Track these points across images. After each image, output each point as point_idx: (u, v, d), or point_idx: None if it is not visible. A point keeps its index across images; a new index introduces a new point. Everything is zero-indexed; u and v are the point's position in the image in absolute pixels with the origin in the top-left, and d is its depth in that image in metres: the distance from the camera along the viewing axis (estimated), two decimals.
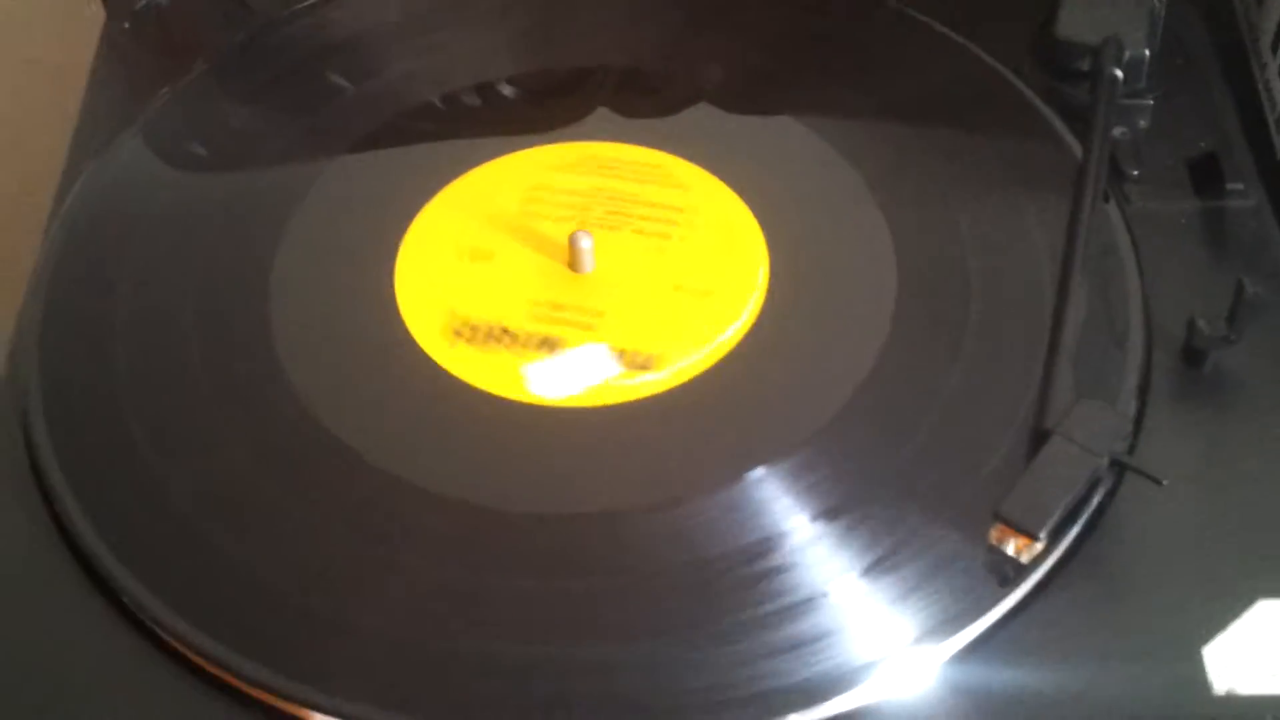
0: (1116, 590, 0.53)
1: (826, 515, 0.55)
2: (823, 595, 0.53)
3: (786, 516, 0.55)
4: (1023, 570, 0.53)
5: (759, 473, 0.57)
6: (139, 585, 0.54)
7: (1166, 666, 0.51)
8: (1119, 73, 0.68)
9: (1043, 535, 0.52)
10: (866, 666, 0.51)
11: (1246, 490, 0.56)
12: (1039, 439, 0.55)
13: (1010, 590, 0.53)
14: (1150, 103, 0.70)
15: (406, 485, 0.57)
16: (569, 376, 0.61)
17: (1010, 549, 0.53)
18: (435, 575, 0.55)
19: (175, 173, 0.70)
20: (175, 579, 0.54)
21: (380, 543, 0.56)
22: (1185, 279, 0.63)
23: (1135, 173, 0.67)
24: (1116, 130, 0.68)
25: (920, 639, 0.52)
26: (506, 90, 0.73)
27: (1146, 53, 0.69)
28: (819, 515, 0.55)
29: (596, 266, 0.64)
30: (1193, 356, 0.60)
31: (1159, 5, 0.70)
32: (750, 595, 0.53)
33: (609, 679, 0.52)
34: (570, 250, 0.64)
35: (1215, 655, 0.51)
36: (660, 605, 0.53)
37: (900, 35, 0.74)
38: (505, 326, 0.63)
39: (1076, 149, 0.67)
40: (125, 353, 0.62)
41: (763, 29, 0.75)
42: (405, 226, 0.67)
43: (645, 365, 0.61)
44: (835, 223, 0.66)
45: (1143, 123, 0.69)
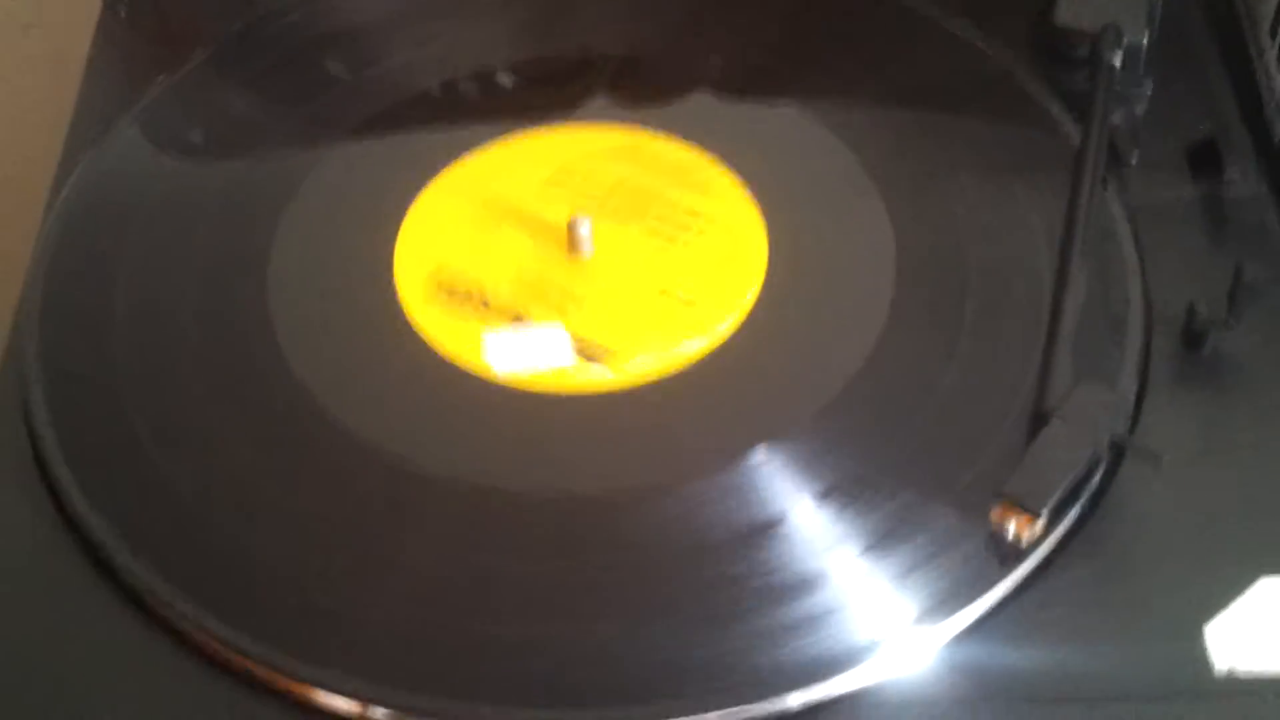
0: (1117, 570, 0.53)
1: (827, 495, 0.55)
2: (823, 575, 0.53)
3: (788, 497, 0.55)
4: (1024, 550, 0.53)
5: (760, 453, 0.57)
6: (145, 570, 0.54)
7: (1167, 645, 0.51)
8: (1117, 60, 0.68)
9: (1044, 514, 0.52)
10: (867, 646, 0.51)
11: (1245, 470, 0.56)
12: (1039, 421, 0.55)
13: (1011, 570, 0.53)
14: (1149, 89, 0.70)
15: (409, 472, 0.57)
16: (522, 354, 0.61)
17: (1011, 529, 0.53)
18: (437, 558, 0.55)
19: (173, 161, 0.70)
20: (180, 564, 0.54)
21: (381, 526, 0.56)
22: (1184, 264, 0.63)
23: (1134, 159, 0.67)
24: (1115, 117, 0.68)
25: (921, 618, 0.52)
26: (505, 78, 0.73)
27: (1145, 39, 0.69)
28: (820, 495, 0.55)
29: (594, 254, 0.65)
30: (1192, 340, 0.60)
31: None
32: (752, 576, 0.53)
33: (610, 660, 0.52)
34: (568, 234, 0.64)
35: (1216, 634, 0.51)
36: (661, 586, 0.53)
37: (900, 24, 0.74)
38: (485, 294, 0.63)
39: (1075, 136, 0.67)
40: (125, 341, 0.62)
41: (765, 17, 0.75)
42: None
43: (598, 358, 0.61)
44: (835, 208, 0.66)
45: (1141, 109, 0.69)
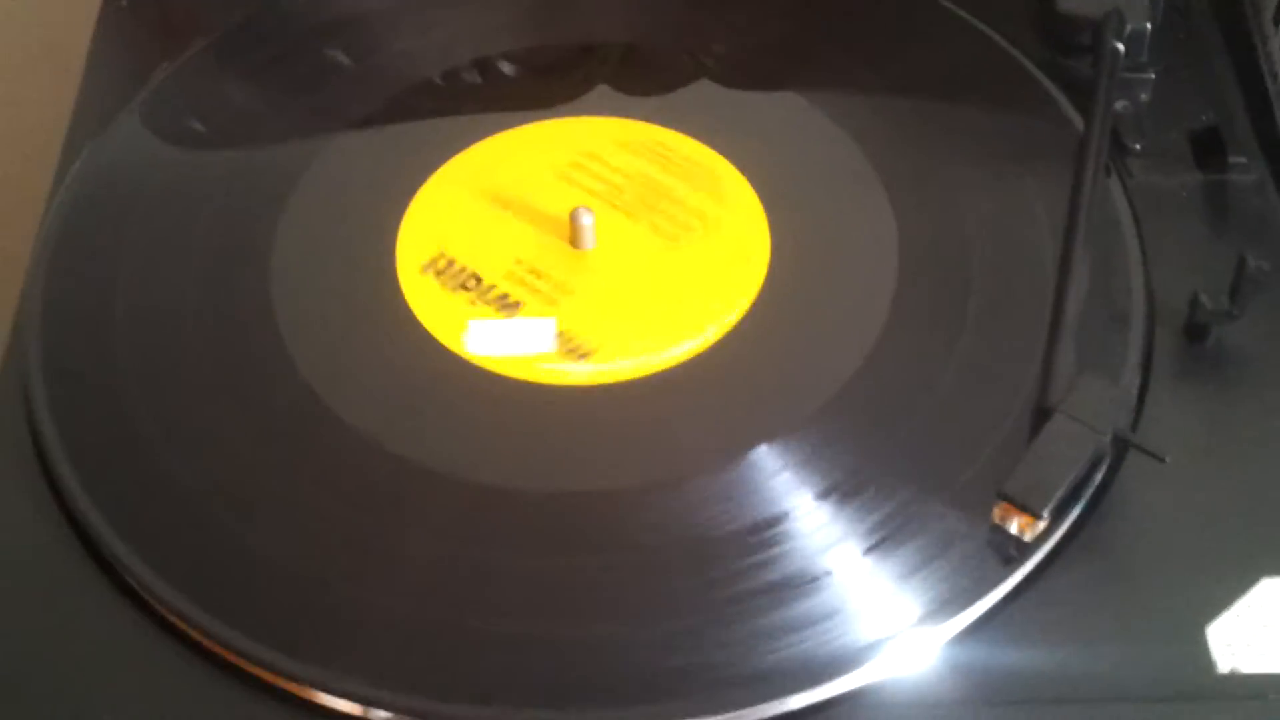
0: (1119, 569, 0.53)
1: (829, 494, 0.55)
2: (826, 575, 0.53)
3: (789, 495, 0.55)
4: (1026, 549, 0.53)
5: (762, 451, 0.57)
6: (146, 568, 0.54)
7: (1170, 645, 0.51)
8: (1121, 46, 0.68)
9: (1046, 514, 0.52)
10: (869, 646, 0.51)
11: (1249, 466, 0.56)
12: (1041, 417, 0.55)
13: (1013, 569, 0.53)
14: (1152, 76, 0.70)
15: (412, 467, 0.57)
16: (503, 340, 0.61)
17: (1013, 528, 0.53)
18: (438, 556, 0.55)
19: (174, 152, 0.70)
20: (181, 561, 0.54)
21: (384, 523, 0.56)
22: (1187, 253, 0.63)
23: (1137, 146, 0.67)
24: (1118, 104, 0.67)
25: (923, 618, 0.52)
26: (509, 68, 0.73)
27: (1148, 26, 0.69)
28: (821, 494, 0.55)
29: (596, 247, 0.64)
30: (1195, 332, 0.60)
31: None
32: (753, 575, 0.53)
33: (611, 660, 0.52)
34: (570, 225, 0.64)
35: (1219, 633, 0.51)
36: (662, 585, 0.53)
37: (902, 10, 0.74)
38: (480, 276, 0.64)
39: (1078, 123, 0.67)
40: (127, 333, 0.62)
41: (768, 5, 0.75)
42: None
43: (583, 354, 0.61)
44: (837, 198, 0.66)
45: (1144, 96, 0.69)
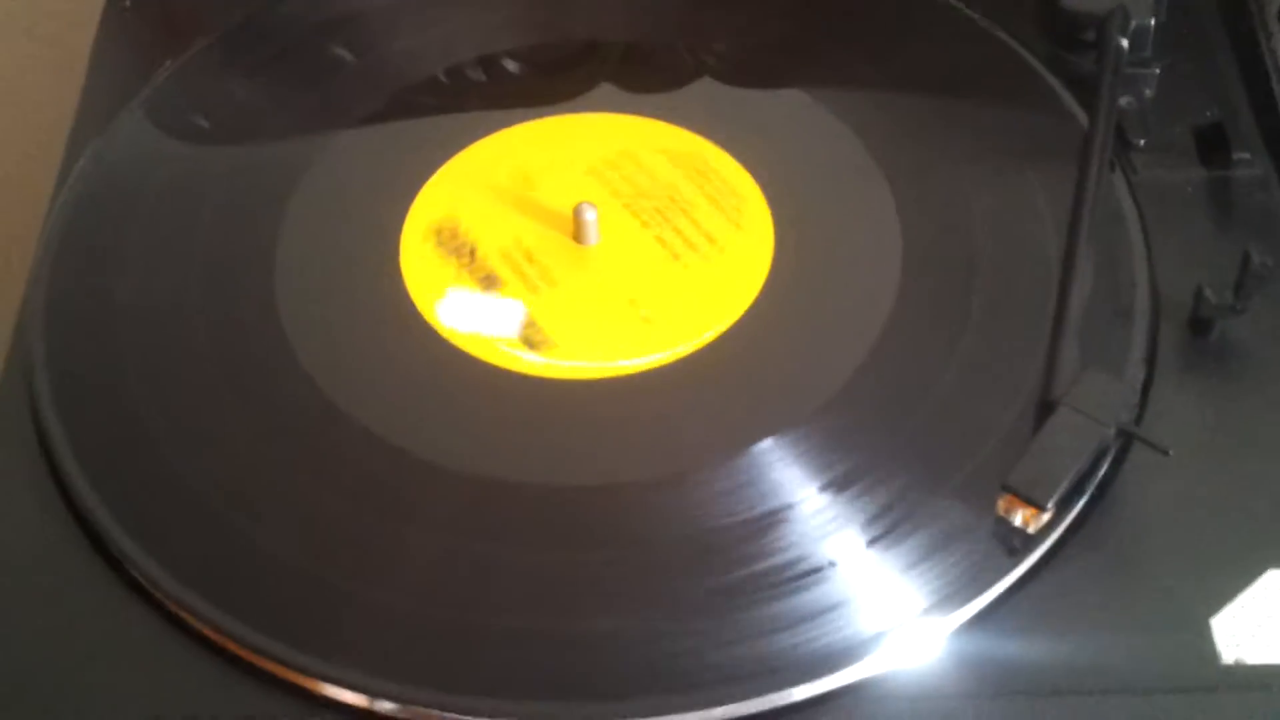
0: (1123, 561, 0.53)
1: (833, 486, 0.55)
2: (830, 567, 0.53)
3: (794, 488, 0.55)
4: (1030, 541, 0.53)
5: (766, 444, 0.57)
6: (151, 563, 0.54)
7: (1174, 637, 0.51)
8: (1125, 42, 0.68)
9: (1050, 506, 0.52)
10: (874, 638, 0.51)
11: (1253, 459, 0.56)
12: (1045, 410, 0.55)
13: (1018, 561, 0.53)
14: (1156, 72, 0.70)
15: (417, 462, 0.57)
16: (474, 315, 0.62)
17: (1018, 520, 0.53)
18: (441, 549, 0.55)
19: (178, 149, 0.70)
20: (186, 556, 0.55)
21: (390, 518, 0.56)
22: (1191, 248, 0.63)
23: (1141, 142, 0.67)
24: (1122, 99, 0.67)
25: (928, 610, 0.52)
26: (510, 64, 0.73)
27: (1152, 21, 0.69)
28: (826, 486, 0.55)
29: (597, 244, 0.65)
30: (1199, 326, 0.60)
31: None
32: (758, 567, 0.53)
33: (616, 651, 0.52)
34: (574, 218, 0.64)
35: (1223, 625, 0.51)
36: (666, 578, 0.53)
37: (907, 7, 0.74)
38: (472, 247, 0.64)
39: (1082, 118, 0.66)
40: (131, 329, 0.62)
41: (769, 3, 0.75)
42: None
43: (535, 345, 0.61)
44: (839, 193, 0.66)
45: (1149, 92, 0.69)
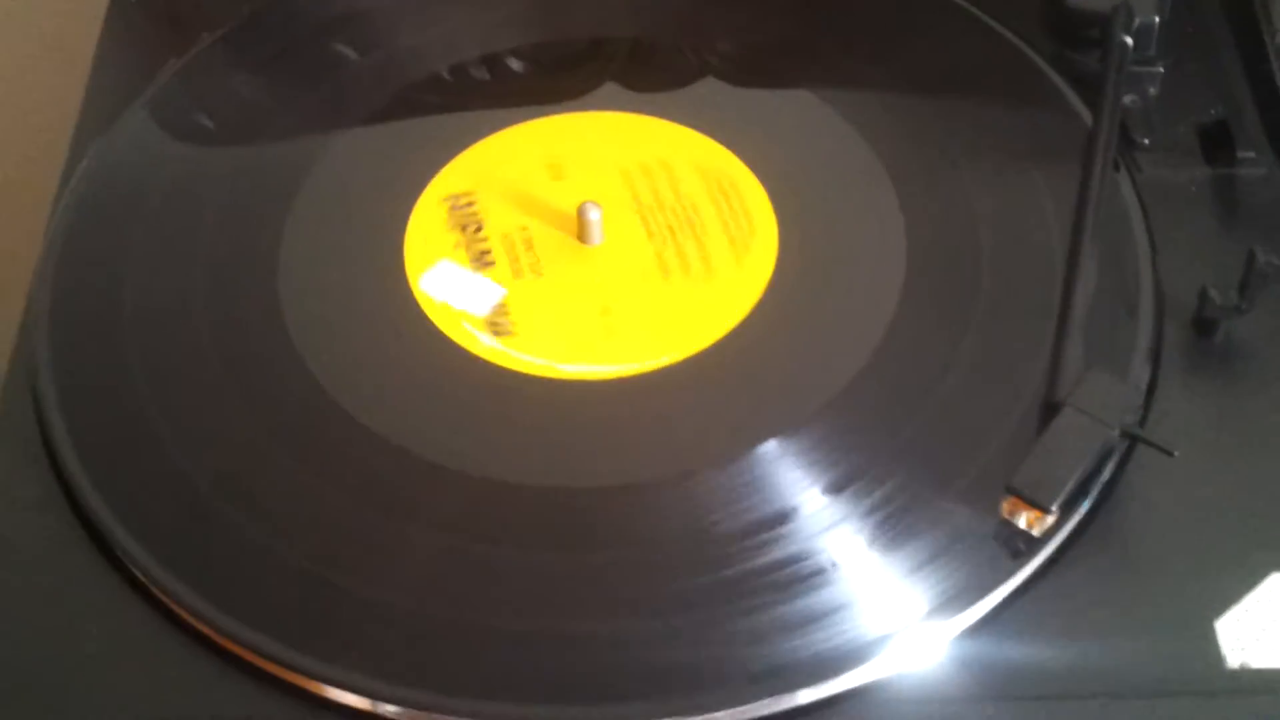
0: (1128, 563, 0.53)
1: (836, 489, 0.55)
2: (833, 569, 0.53)
3: (797, 490, 0.55)
4: (1034, 543, 0.53)
5: (770, 446, 0.57)
6: (154, 563, 0.54)
7: (1179, 640, 0.51)
8: (1129, 40, 0.68)
9: (1054, 508, 0.52)
10: (878, 641, 0.51)
11: (1258, 460, 0.56)
12: (1050, 411, 0.55)
13: (1022, 563, 0.53)
14: (1161, 70, 0.70)
15: (420, 463, 0.57)
16: (454, 289, 0.62)
17: (1022, 522, 0.53)
18: (446, 549, 0.55)
19: (182, 148, 0.70)
20: (189, 556, 0.55)
21: (391, 515, 0.56)
22: (1196, 248, 0.63)
23: (1146, 141, 0.67)
24: (1127, 98, 0.67)
25: (931, 613, 0.52)
26: (516, 63, 0.73)
27: (1157, 19, 0.69)
28: (829, 489, 0.55)
29: (599, 245, 0.65)
30: (1204, 326, 0.60)
31: None
32: (760, 570, 0.53)
33: (620, 653, 0.52)
34: (578, 217, 0.64)
35: (1228, 628, 0.51)
36: (670, 581, 0.53)
37: (911, 6, 0.74)
38: (479, 222, 0.65)
39: (1087, 117, 0.66)
40: (135, 329, 0.62)
41: (773, 2, 0.74)
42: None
43: (499, 332, 0.62)
44: (844, 192, 0.66)
45: (1153, 90, 0.69)
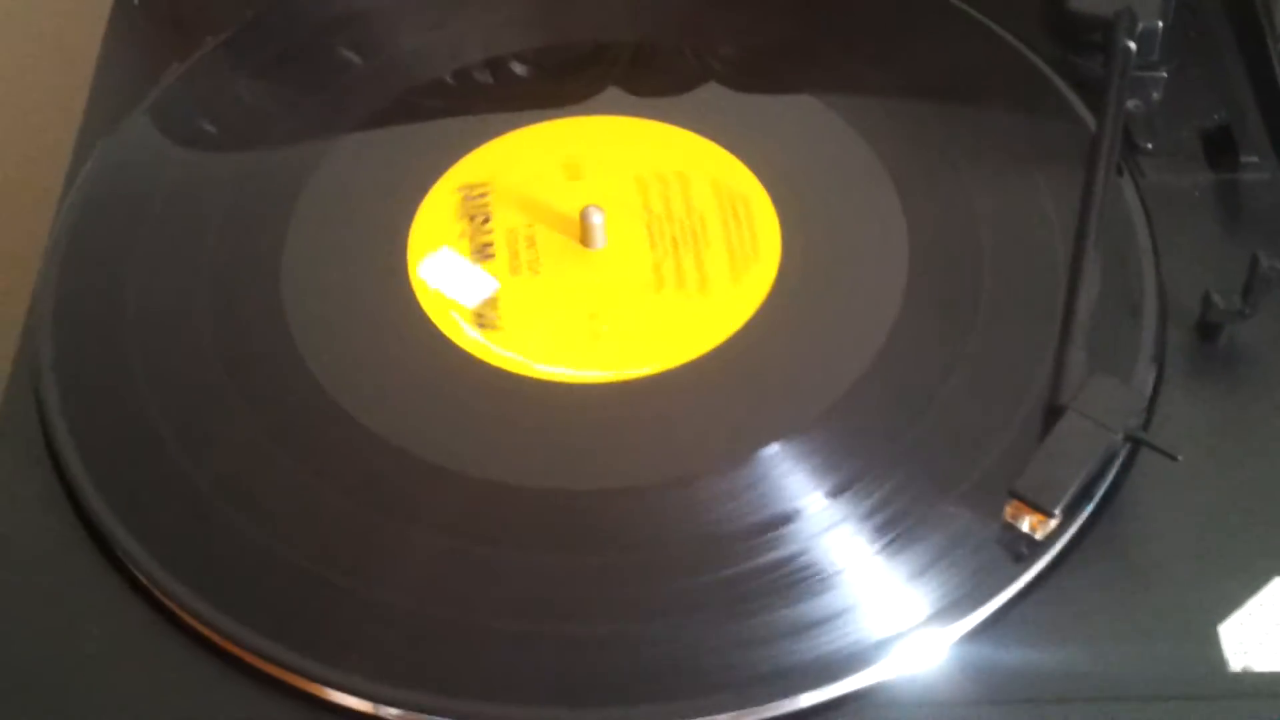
0: (1131, 567, 0.53)
1: (839, 493, 0.55)
2: (836, 573, 0.53)
3: (800, 493, 0.55)
4: (1037, 547, 0.53)
5: (772, 449, 0.57)
6: (156, 565, 0.54)
7: (1182, 643, 0.51)
8: (1132, 44, 0.68)
9: (1057, 512, 0.52)
10: (880, 644, 0.51)
11: (1262, 465, 0.56)
12: (1053, 415, 0.55)
13: (1025, 567, 0.53)
14: (1164, 75, 0.70)
15: (421, 465, 0.57)
16: (450, 277, 0.63)
17: (1025, 526, 0.53)
18: (448, 550, 0.55)
19: (186, 151, 0.70)
20: (191, 558, 0.55)
21: (393, 517, 0.56)
22: (1199, 252, 0.63)
23: (1149, 145, 0.67)
24: (1130, 103, 0.67)
25: (934, 617, 0.52)
26: (519, 67, 0.73)
27: (1160, 24, 0.69)
28: (831, 493, 0.55)
29: (601, 250, 0.65)
30: (1207, 331, 0.60)
31: None
32: (763, 573, 0.53)
33: (622, 656, 0.52)
34: (580, 220, 0.64)
35: (1231, 632, 0.51)
36: (671, 584, 0.53)
37: (914, 10, 0.74)
38: (488, 214, 0.66)
39: (1090, 122, 0.66)
40: (138, 331, 0.62)
41: (774, 6, 0.74)
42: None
43: (484, 325, 0.62)
44: (846, 196, 0.66)
45: (1156, 95, 0.69)
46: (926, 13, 0.73)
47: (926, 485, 0.55)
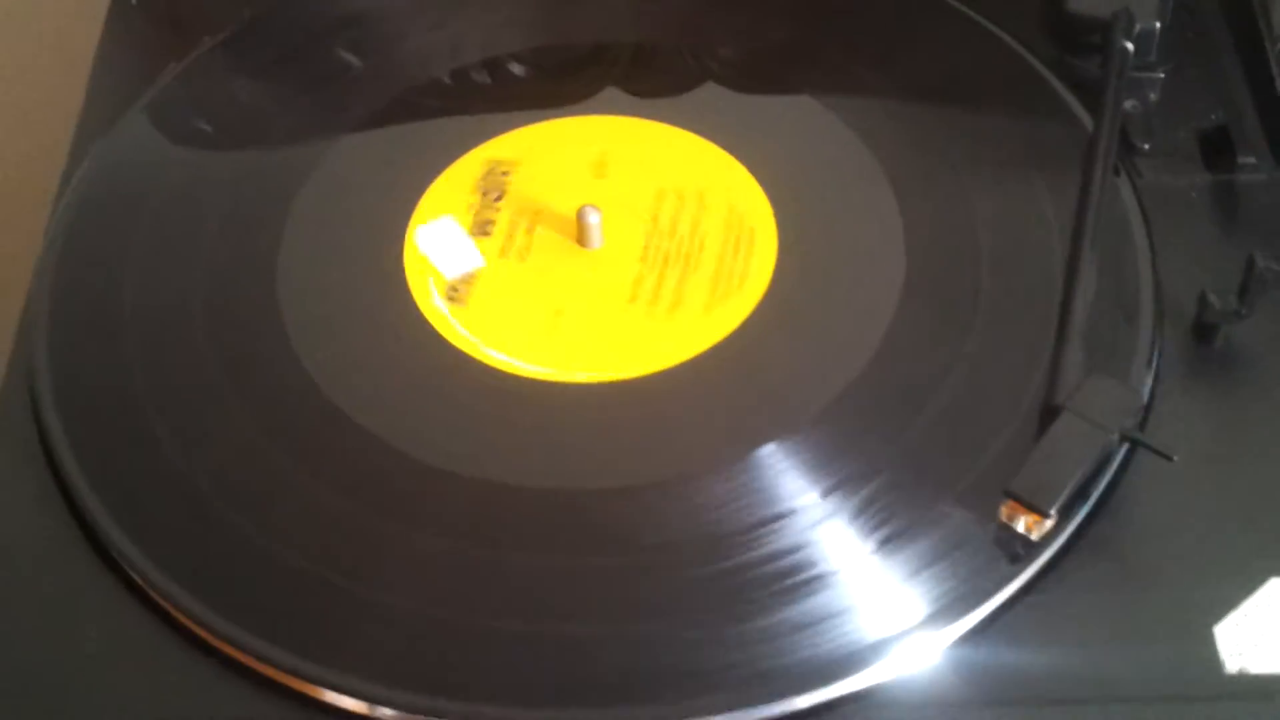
0: (1127, 568, 0.53)
1: (835, 493, 0.55)
2: (832, 574, 0.53)
3: (795, 494, 0.55)
4: (1033, 548, 0.53)
5: (768, 450, 0.57)
6: (150, 565, 0.54)
7: (1178, 645, 0.51)
8: (1130, 45, 0.68)
9: (1053, 512, 0.52)
10: (876, 645, 0.51)
11: (1258, 466, 0.56)
12: (1049, 415, 0.55)
13: (1020, 568, 0.53)
14: (1161, 75, 0.70)
15: (419, 466, 0.57)
16: (442, 246, 0.64)
17: (1020, 526, 0.53)
18: (446, 551, 0.55)
19: (182, 151, 0.70)
20: (186, 558, 0.55)
21: (391, 518, 0.56)
22: (1196, 253, 0.63)
23: (1146, 146, 0.67)
24: (1127, 103, 0.67)
25: (930, 617, 0.52)
26: (517, 68, 0.73)
27: (1157, 25, 0.69)
28: (827, 493, 0.55)
29: (593, 251, 0.65)
30: (1203, 331, 0.60)
31: None
32: (759, 574, 0.53)
33: (619, 657, 0.52)
34: (576, 219, 0.65)
35: (1227, 633, 0.51)
36: (670, 584, 0.53)
37: (911, 11, 0.74)
38: (503, 193, 0.67)
39: (1087, 122, 0.66)
40: (134, 331, 0.62)
41: (775, 6, 0.74)
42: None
43: (453, 299, 0.63)
44: (844, 197, 0.66)
45: (1153, 96, 0.69)
46: (925, 14, 0.73)
47: (923, 486, 0.55)
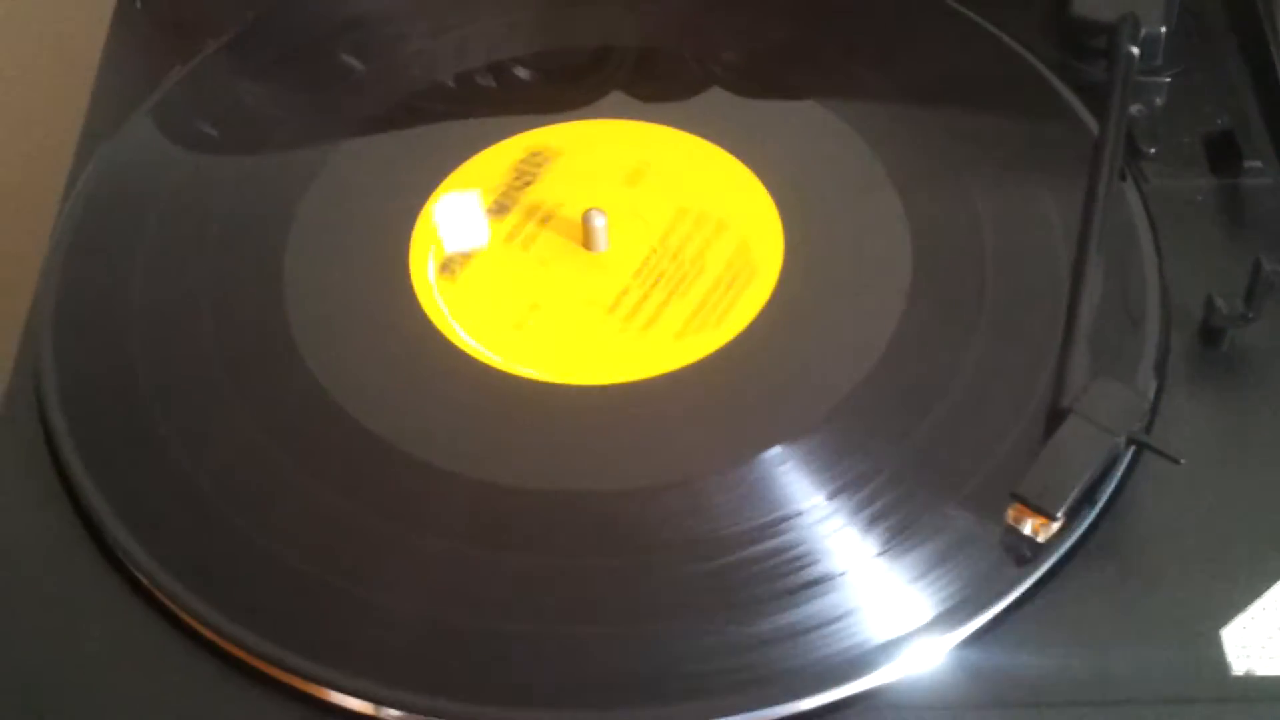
0: (1134, 570, 0.53)
1: (842, 495, 0.55)
2: (838, 576, 0.53)
3: (803, 496, 0.55)
4: (1040, 550, 0.53)
5: (775, 452, 0.56)
6: (155, 565, 0.54)
7: (1184, 647, 0.51)
8: (1135, 50, 0.68)
9: (1060, 515, 0.52)
10: (882, 647, 0.51)
11: (1264, 469, 0.56)
12: (1056, 418, 0.55)
13: (1027, 571, 0.53)
14: (1167, 80, 0.70)
15: (423, 467, 0.57)
16: (455, 219, 0.66)
17: (1027, 529, 0.53)
18: (449, 553, 0.55)
19: (188, 153, 0.70)
20: (192, 559, 0.55)
21: (395, 518, 0.56)
22: (1202, 257, 0.63)
23: (1152, 151, 0.67)
24: (1133, 108, 0.67)
25: (937, 620, 0.52)
26: (521, 71, 0.73)
27: (1163, 29, 0.69)
28: (834, 495, 0.55)
29: (595, 255, 0.65)
30: (1210, 335, 0.60)
31: None
32: (765, 576, 0.53)
33: (624, 659, 0.52)
34: (582, 221, 0.65)
35: (1234, 636, 0.51)
36: (673, 587, 0.53)
37: (915, 14, 0.74)
38: (534, 180, 0.68)
39: (1093, 127, 0.66)
40: (139, 332, 0.62)
41: (779, 9, 0.74)
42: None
43: (445, 271, 0.64)
44: (850, 201, 0.66)
45: (1159, 100, 0.69)
46: (930, 17, 0.73)
47: (929, 488, 0.55)
